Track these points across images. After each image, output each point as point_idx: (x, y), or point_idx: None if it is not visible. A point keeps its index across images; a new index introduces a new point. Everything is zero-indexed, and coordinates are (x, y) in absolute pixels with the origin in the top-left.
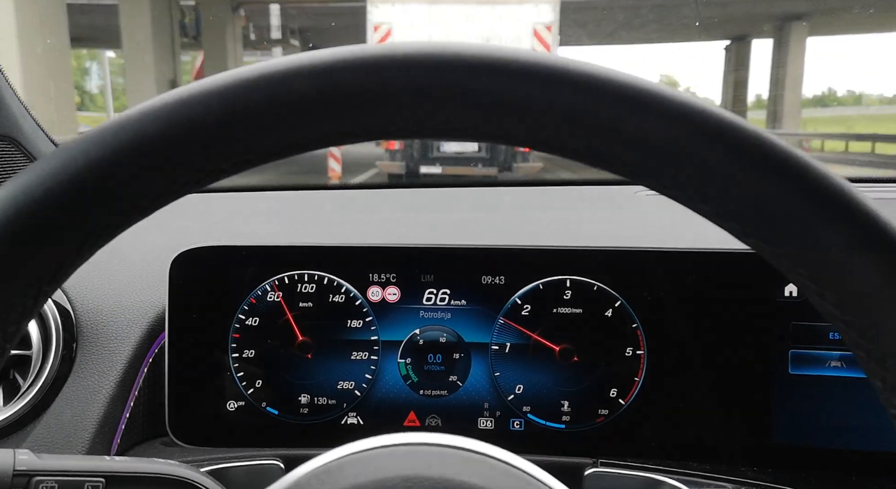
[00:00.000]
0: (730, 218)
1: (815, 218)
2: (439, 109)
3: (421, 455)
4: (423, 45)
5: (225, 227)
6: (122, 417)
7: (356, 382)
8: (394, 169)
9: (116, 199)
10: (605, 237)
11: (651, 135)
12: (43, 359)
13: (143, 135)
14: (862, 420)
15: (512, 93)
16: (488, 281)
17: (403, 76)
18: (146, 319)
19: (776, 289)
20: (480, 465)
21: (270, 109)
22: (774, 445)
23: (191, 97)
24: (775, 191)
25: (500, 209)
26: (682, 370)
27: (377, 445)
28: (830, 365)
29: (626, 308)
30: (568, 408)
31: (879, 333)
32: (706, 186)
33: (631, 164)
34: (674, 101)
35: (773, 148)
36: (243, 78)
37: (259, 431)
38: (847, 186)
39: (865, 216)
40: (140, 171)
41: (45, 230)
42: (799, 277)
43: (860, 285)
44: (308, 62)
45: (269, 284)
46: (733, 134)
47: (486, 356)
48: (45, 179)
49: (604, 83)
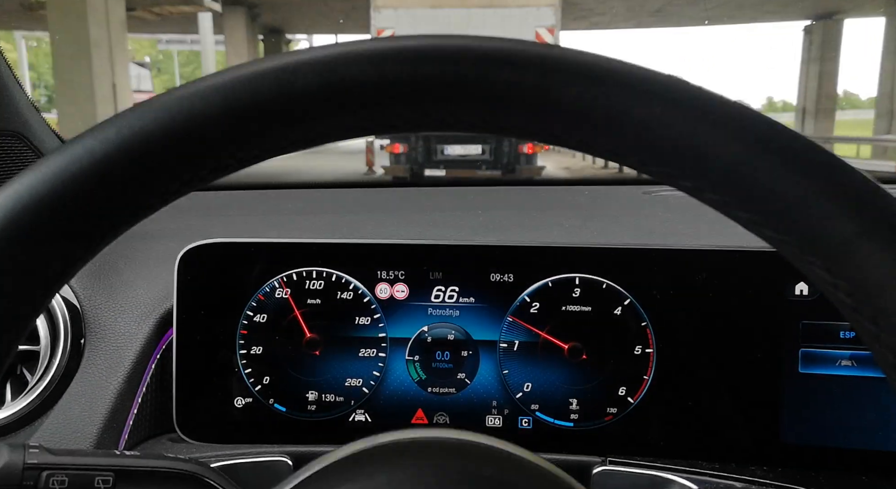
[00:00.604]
0: (739, 207)
1: (830, 204)
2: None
3: (432, 450)
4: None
5: (233, 223)
6: (130, 413)
7: (364, 379)
8: (398, 172)
9: (122, 196)
10: (613, 236)
11: (658, 125)
12: (51, 355)
13: (148, 130)
14: (872, 419)
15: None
16: (497, 278)
17: (408, 69)
18: (154, 315)
19: (787, 287)
20: (493, 459)
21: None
22: (783, 444)
23: (194, 93)
24: (788, 180)
25: (507, 208)
26: (691, 369)
27: (388, 441)
28: (841, 364)
29: (635, 306)
30: (576, 406)
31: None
32: (714, 177)
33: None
34: (680, 89)
35: (781, 134)
36: (249, 73)
37: (266, 428)
38: (865, 175)
39: (881, 203)
40: (146, 168)
41: (51, 227)
42: (811, 267)
43: (874, 274)
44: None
45: (277, 281)
46: (741, 121)
47: (495, 354)
48: (52, 176)
49: (618, 76)
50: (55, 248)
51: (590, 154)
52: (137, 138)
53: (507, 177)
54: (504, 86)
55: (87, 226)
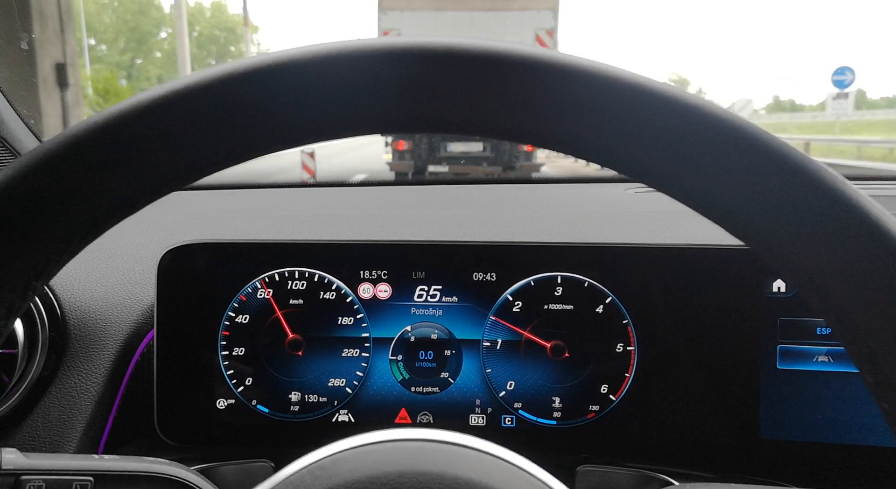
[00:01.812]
0: (724, 216)
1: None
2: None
3: (414, 451)
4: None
5: (214, 224)
6: (110, 416)
7: (347, 380)
8: (402, 168)
9: (101, 195)
10: (595, 234)
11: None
12: (29, 358)
13: (132, 127)
14: (850, 414)
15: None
16: (479, 277)
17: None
18: (134, 317)
19: (764, 284)
20: (474, 461)
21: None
22: (764, 440)
23: (162, 96)
24: (770, 182)
25: (491, 207)
26: (672, 366)
27: (370, 441)
28: (818, 360)
29: (616, 304)
30: (559, 404)
31: (868, 331)
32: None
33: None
34: (656, 91)
35: (759, 139)
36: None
37: (249, 430)
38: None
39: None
40: (125, 166)
41: (29, 226)
42: (784, 268)
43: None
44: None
45: (259, 281)
46: (722, 125)
47: (478, 353)
48: (27, 175)
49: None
50: (33, 249)
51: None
52: (119, 135)
53: (500, 176)
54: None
55: (63, 226)
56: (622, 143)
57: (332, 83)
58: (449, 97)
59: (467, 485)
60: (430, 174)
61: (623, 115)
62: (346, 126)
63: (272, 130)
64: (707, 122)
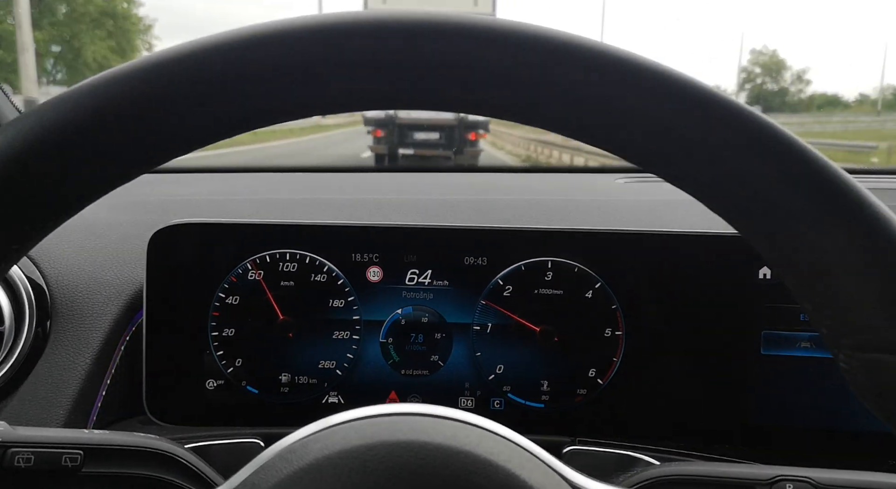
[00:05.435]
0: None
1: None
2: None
3: (384, 424)
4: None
5: (204, 205)
6: (99, 395)
7: (337, 362)
8: (379, 150)
9: (76, 169)
10: (585, 220)
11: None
12: (16, 335)
13: (110, 98)
14: (833, 400)
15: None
16: (470, 261)
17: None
18: (123, 296)
19: (752, 270)
20: (445, 427)
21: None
22: (749, 425)
23: (133, 69)
24: (749, 166)
25: (483, 193)
26: (659, 351)
27: (345, 419)
28: (801, 346)
29: (606, 289)
30: (547, 387)
31: (836, 310)
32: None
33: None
34: (632, 63)
35: (747, 117)
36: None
37: (239, 410)
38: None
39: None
40: (101, 140)
41: (6, 196)
42: (762, 247)
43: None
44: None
45: (250, 262)
46: (710, 104)
47: (468, 336)
48: (3, 145)
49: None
50: (11, 218)
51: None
52: (99, 107)
53: (501, 167)
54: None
55: (43, 199)
56: (581, 111)
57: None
58: (417, 72)
59: (436, 450)
60: (401, 156)
61: (569, 79)
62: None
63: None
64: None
